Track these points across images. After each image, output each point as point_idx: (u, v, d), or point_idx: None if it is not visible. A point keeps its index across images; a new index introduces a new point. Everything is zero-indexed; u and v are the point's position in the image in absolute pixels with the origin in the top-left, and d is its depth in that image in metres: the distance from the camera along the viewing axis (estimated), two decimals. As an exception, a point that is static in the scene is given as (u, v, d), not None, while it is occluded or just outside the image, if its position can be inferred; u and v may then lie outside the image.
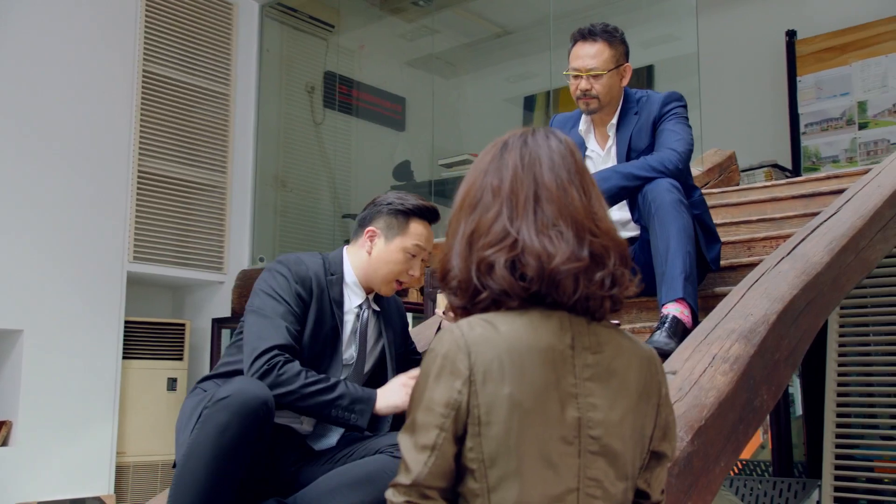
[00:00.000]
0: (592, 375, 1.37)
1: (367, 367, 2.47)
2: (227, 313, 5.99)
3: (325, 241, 6.72)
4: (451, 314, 2.45)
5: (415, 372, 2.26)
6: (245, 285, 5.98)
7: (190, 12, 5.96)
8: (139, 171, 5.61)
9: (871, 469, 3.48)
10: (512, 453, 1.31)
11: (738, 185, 4.74)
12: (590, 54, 2.85)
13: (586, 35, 2.87)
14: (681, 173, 2.75)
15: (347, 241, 6.51)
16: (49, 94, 5.19)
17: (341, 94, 7.05)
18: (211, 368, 5.80)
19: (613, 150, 2.93)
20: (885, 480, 3.50)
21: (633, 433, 1.39)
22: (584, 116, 3.01)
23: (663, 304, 2.53)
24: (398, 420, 2.44)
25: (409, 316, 4.94)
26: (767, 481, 3.56)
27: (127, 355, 5.52)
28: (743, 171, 5.79)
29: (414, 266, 2.45)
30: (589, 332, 1.39)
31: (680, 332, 2.44)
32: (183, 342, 5.83)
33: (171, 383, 5.78)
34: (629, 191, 2.73)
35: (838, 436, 3.45)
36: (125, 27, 5.60)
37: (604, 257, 1.39)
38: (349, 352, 2.42)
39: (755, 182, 5.59)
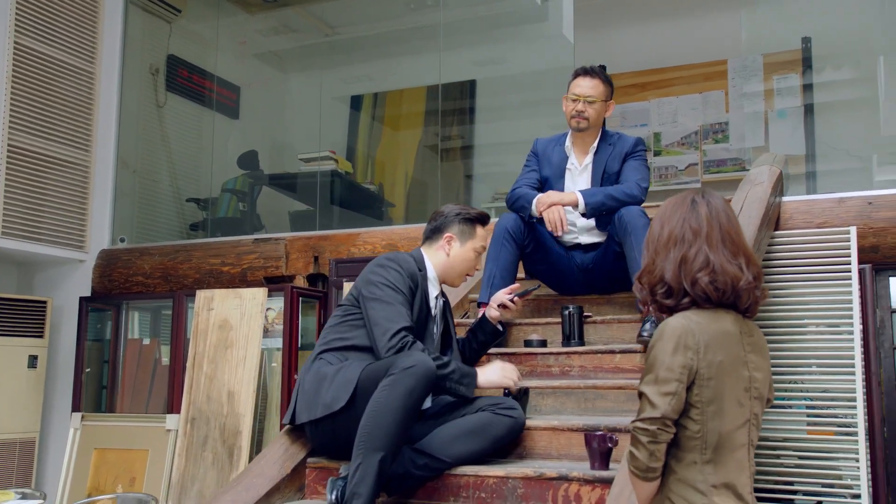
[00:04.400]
0: (752, 350, 2.28)
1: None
2: (87, 292, 6.15)
3: (166, 226, 6.99)
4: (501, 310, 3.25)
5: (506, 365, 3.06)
6: (107, 265, 6.18)
7: (61, -14, 6.05)
8: (9, 146, 5.65)
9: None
10: (719, 398, 2.19)
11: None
12: (589, 85, 3.83)
13: (588, 71, 3.87)
14: (643, 202, 3.75)
15: (195, 226, 6.91)
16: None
17: (182, 77, 7.33)
18: (78, 351, 5.98)
19: (590, 167, 3.90)
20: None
21: (766, 384, 2.32)
22: (570, 136, 3.96)
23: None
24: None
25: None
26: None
27: (-14, 332, 5.58)
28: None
29: (479, 261, 3.24)
30: (745, 323, 2.31)
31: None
32: (44, 320, 5.93)
33: (32, 361, 5.88)
34: (608, 207, 3.70)
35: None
36: (-2, -3, 5.62)
37: (757, 279, 2.31)
38: (430, 330, 3.15)
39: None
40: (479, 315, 3.67)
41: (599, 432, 2.79)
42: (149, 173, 7.01)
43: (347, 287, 5.15)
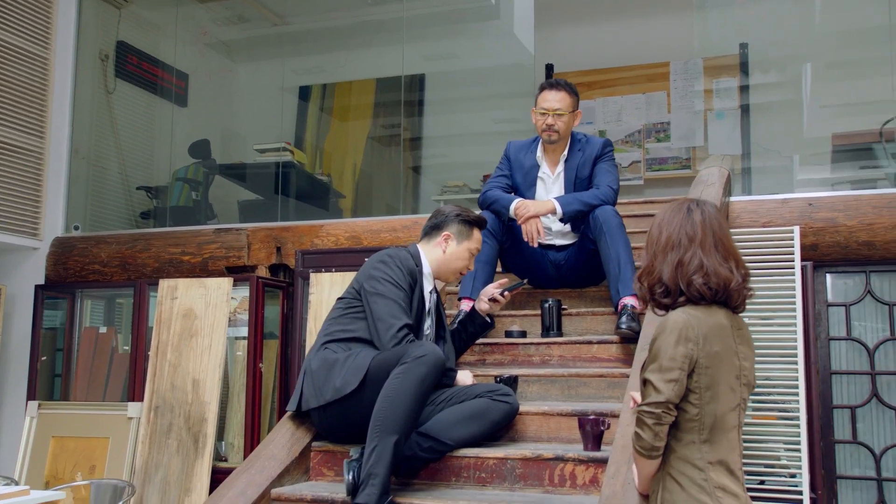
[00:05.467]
0: (741, 341, 2.58)
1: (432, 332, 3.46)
2: (41, 280, 6.17)
3: (114, 214, 7.03)
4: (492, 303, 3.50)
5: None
6: (61, 253, 6.21)
7: (16, -28, 6.05)
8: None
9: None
10: (715, 384, 2.48)
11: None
12: (556, 99, 4.06)
13: (554, 85, 4.09)
14: (615, 202, 4.04)
15: (146, 215, 6.99)
16: None
17: (131, 64, 7.36)
18: (34, 339, 6.01)
19: (562, 175, 4.17)
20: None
21: (752, 372, 2.63)
22: (540, 146, 4.20)
23: (621, 298, 3.78)
24: None
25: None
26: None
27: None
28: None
29: (471, 261, 3.48)
30: (734, 317, 2.61)
31: (637, 317, 3.72)
32: (-2, 307, 5.95)
33: (-15, 348, 5.90)
34: (584, 213, 3.98)
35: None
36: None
37: (746, 279, 2.61)
38: (427, 323, 3.38)
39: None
40: (461, 308, 3.93)
41: (592, 416, 3.07)
42: (97, 160, 7.04)
43: (314, 278, 5.33)
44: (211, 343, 5.43)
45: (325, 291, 5.26)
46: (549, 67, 7.62)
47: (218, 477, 5.24)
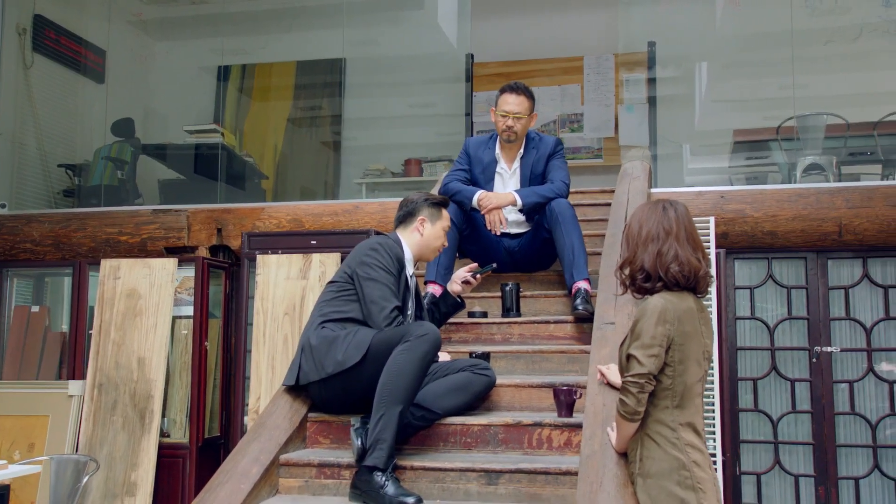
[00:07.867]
0: (704, 323, 3.11)
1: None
2: (-29, 258, 6.24)
3: (35, 193, 7.09)
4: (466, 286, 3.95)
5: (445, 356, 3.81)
6: (-10, 230, 6.29)
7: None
8: None
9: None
10: (686, 359, 3.00)
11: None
12: (516, 102, 4.52)
13: (514, 88, 4.55)
14: (567, 195, 4.54)
15: (69, 193, 7.13)
16: None
17: (49, 39, 7.39)
18: None
19: (518, 171, 4.63)
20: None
21: (712, 349, 3.16)
22: (499, 143, 4.66)
23: (575, 282, 4.27)
24: None
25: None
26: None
27: None
28: (427, 161, 7.79)
29: (445, 237, 3.90)
30: (699, 301, 3.14)
31: (590, 299, 4.22)
32: (-72, 286, 6.00)
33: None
34: (541, 205, 4.46)
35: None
36: None
37: (709, 269, 3.14)
38: (408, 303, 3.79)
39: (436, 171, 7.59)
40: (428, 290, 4.36)
41: (566, 387, 3.56)
42: (16, 137, 7.07)
43: (261, 259, 5.61)
44: (156, 322, 5.67)
45: (272, 273, 5.56)
46: (471, 57, 8.06)
47: (164, 452, 5.53)
